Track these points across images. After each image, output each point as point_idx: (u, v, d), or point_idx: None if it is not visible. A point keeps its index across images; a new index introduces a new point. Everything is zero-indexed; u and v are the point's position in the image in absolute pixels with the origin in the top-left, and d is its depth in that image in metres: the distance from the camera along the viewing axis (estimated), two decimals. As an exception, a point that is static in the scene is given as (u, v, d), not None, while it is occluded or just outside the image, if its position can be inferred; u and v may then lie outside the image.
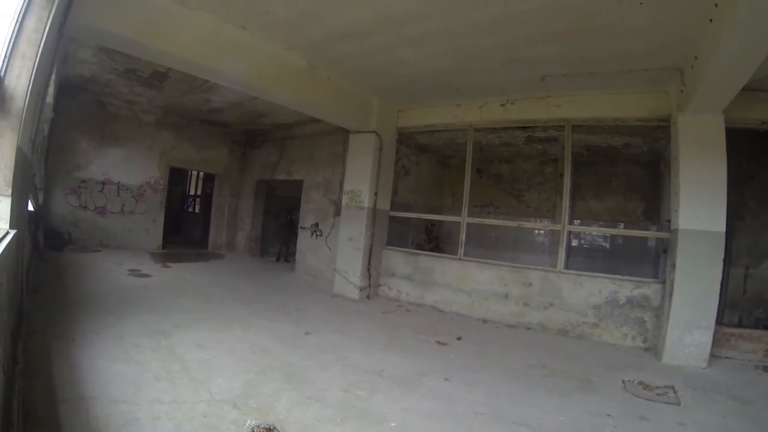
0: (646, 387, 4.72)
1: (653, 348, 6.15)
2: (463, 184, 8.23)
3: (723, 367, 5.67)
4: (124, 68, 8.05)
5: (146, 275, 8.02)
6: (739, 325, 6.53)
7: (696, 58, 5.07)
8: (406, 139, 9.27)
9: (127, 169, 10.93)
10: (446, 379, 4.45)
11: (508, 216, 9.77)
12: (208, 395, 3.47)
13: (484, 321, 7.26)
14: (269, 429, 3.04)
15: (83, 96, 9.91)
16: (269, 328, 5.68)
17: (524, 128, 8.01)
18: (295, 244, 11.13)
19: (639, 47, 5.30)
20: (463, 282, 7.72)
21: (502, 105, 7.63)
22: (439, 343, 5.80)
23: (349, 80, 7.43)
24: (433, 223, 10.48)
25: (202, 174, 15.54)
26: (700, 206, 5.79)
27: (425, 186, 11.02)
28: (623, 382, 4.80)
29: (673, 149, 6.16)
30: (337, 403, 3.62)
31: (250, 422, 3.10)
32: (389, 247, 8.80)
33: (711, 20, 4.26)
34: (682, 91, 5.86)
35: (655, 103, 6.45)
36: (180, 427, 2.95)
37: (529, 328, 6.95)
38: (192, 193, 16.59)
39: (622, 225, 8.98)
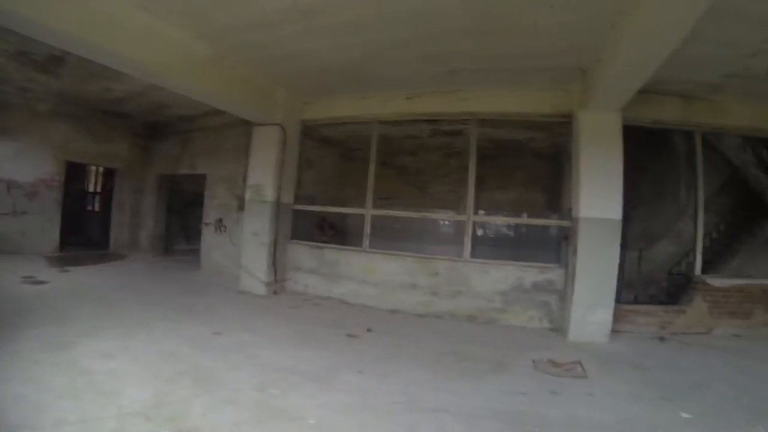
0: (555, 364, 5.01)
1: (559, 328, 6.56)
2: (367, 176, 8.27)
3: (624, 340, 6.21)
4: (15, 50, 7.28)
5: (42, 282, 7.37)
6: (636, 302, 7.08)
7: (599, 60, 5.45)
8: (310, 131, 9.15)
9: (19, 164, 9.90)
10: (360, 371, 4.47)
11: (412, 207, 9.87)
12: (118, 409, 3.24)
13: (393, 312, 7.35)
14: (183, 438, 2.92)
15: (-34, 82, 8.92)
16: (177, 330, 5.42)
17: (430, 121, 8.17)
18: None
19: (547, 47, 5.57)
20: (370, 274, 7.78)
21: (409, 98, 7.71)
22: (349, 335, 5.81)
23: (255, 71, 7.22)
24: (323, 217, 10.43)
25: (102, 169, 14.49)
26: (599, 196, 6.27)
27: (330, 179, 11.06)
28: (533, 361, 5.06)
29: (575, 144, 6.57)
30: (253, 404, 3.53)
31: (164, 433, 2.96)
32: (294, 241, 8.69)
33: (613, 26, 4.61)
34: (584, 90, 6.30)
35: (559, 100, 6.84)
36: (88, 447, 2.75)
37: (438, 317, 7.12)
38: (92, 190, 15.50)
39: (525, 215, 9.41)
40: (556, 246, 7.06)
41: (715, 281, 6.96)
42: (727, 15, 4.40)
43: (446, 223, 10.22)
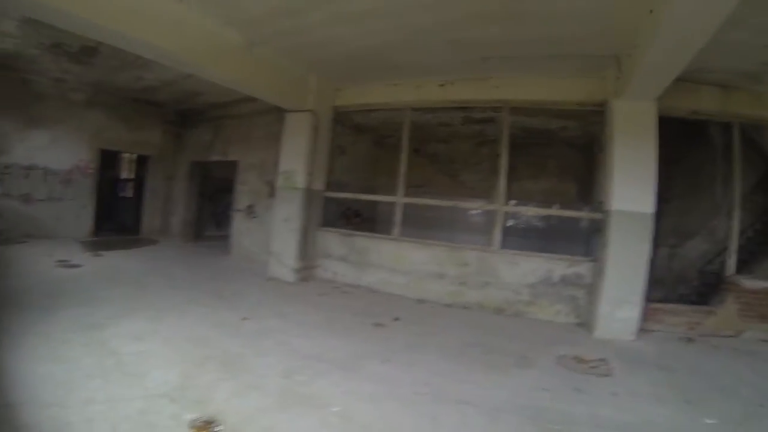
0: (580, 361, 4.95)
1: (586, 323, 6.45)
2: (398, 164, 8.24)
3: (651, 339, 6.08)
4: (51, 42, 7.51)
5: (76, 265, 7.57)
6: (665, 300, 6.92)
7: (635, 47, 5.27)
8: (342, 118, 9.14)
9: (54, 152, 10.21)
10: (386, 360, 4.48)
11: (443, 196, 9.80)
12: (144, 390, 3.32)
13: (421, 301, 7.34)
14: (209, 422, 2.96)
15: (5, 73, 9.19)
16: (206, 314, 5.51)
17: (462, 109, 8.07)
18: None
19: (579, 33, 5.45)
20: (399, 262, 7.77)
21: (441, 85, 7.65)
22: (377, 324, 5.83)
23: (287, 58, 7.24)
24: (349, 206, 10.42)
25: (135, 157, 14.77)
26: (631, 189, 6.12)
27: (361, 166, 11.06)
28: (558, 357, 5.01)
29: (608, 133, 6.42)
30: (278, 390, 3.56)
31: (189, 416, 3.00)
32: (324, 228, 8.70)
33: (651, 11, 4.44)
34: (618, 78, 6.10)
35: (592, 87, 6.69)
36: (116, 427, 2.81)
37: (466, 308, 7.10)
38: (125, 176, 15.85)
39: (557, 206, 9.25)
40: (586, 239, 6.93)
41: (748, 282, 6.68)
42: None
43: (477, 212, 10.09)
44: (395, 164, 8.34)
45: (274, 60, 7.14)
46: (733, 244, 6.85)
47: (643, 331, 6.22)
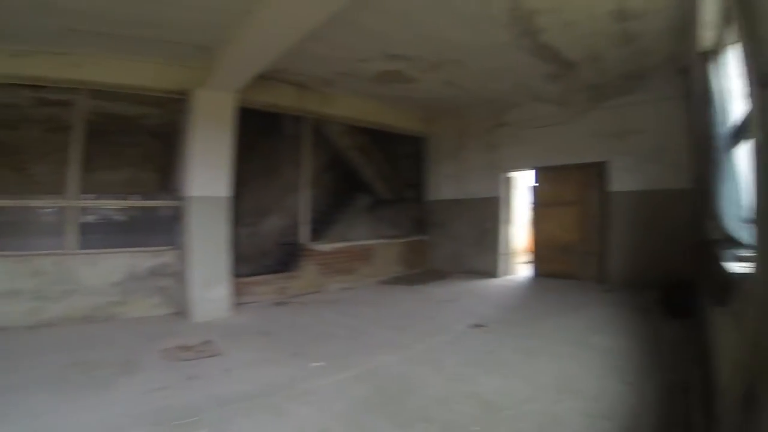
0: (186, 349, 5.01)
1: (183, 311, 6.55)
2: None
3: (247, 311, 6.77)
4: None
5: None
6: (254, 274, 7.71)
7: (225, 42, 5.56)
8: None
9: None
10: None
11: (10, 195, 7.97)
12: None
13: None
14: None
15: None
16: None
17: (37, 87, 6.74)
18: None
19: (179, 19, 5.31)
20: None
21: (14, 56, 6.07)
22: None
23: None
24: None
25: None
26: (209, 174, 6.58)
27: None
28: (163, 351, 4.92)
29: (189, 122, 6.61)
30: None
31: None
32: None
33: (248, 12, 4.70)
34: (204, 69, 6.36)
35: (180, 76, 6.69)
36: None
37: (52, 325, 5.94)
38: None
39: (138, 196, 8.92)
40: (171, 227, 6.96)
41: (322, 246, 8.35)
42: (347, 25, 5.27)
43: (51, 210, 8.38)
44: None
45: None
46: (306, 217, 8.35)
47: (239, 305, 6.82)
